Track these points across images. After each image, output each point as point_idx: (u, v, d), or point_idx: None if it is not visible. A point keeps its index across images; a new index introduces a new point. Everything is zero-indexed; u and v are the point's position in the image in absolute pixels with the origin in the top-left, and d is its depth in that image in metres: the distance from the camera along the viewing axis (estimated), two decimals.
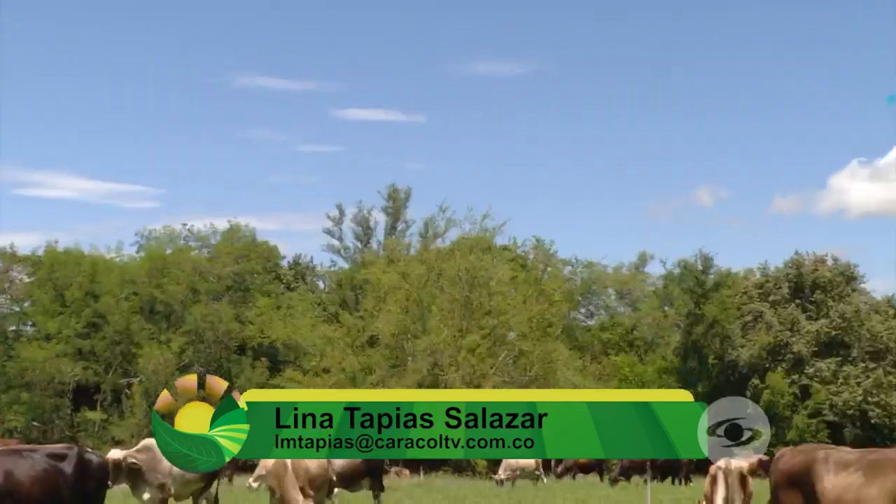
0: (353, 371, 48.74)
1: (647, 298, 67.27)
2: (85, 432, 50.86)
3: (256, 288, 58.41)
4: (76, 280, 54.48)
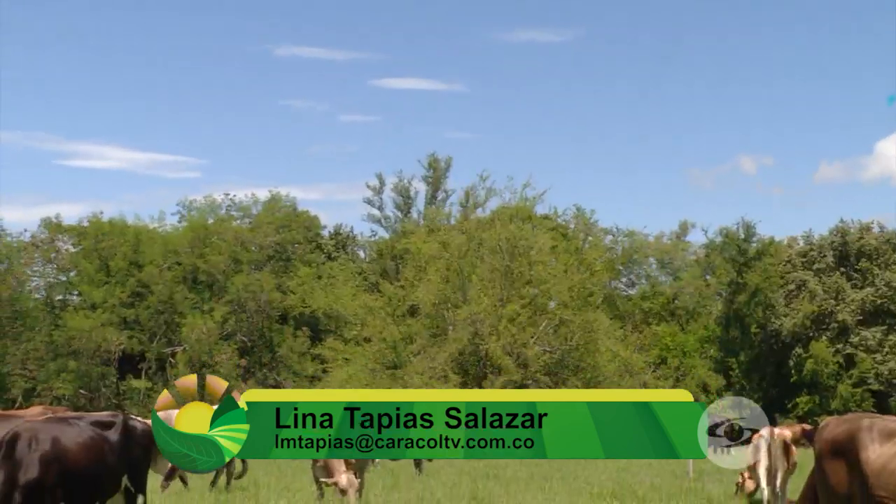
0: (393, 340, 48.95)
1: (689, 267, 66.76)
2: (130, 400, 51.55)
3: (297, 258, 58.70)
4: (120, 250, 55.04)
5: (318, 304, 52.01)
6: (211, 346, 51.60)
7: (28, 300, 54.13)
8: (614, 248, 65.85)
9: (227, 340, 53.07)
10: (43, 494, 10.02)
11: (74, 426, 10.70)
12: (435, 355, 46.59)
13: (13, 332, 51.55)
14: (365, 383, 46.73)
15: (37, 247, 55.59)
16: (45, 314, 53.55)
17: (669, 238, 68.75)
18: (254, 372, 54.15)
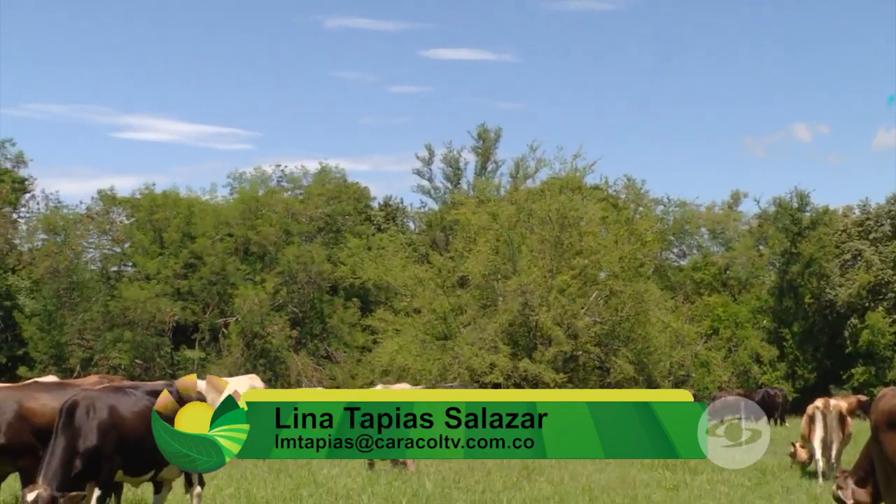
0: (443, 311, 49.05)
1: (741, 238, 66.04)
2: (184, 370, 52.21)
3: (347, 229, 58.94)
4: (173, 222, 55.64)
5: (368, 276, 52.24)
6: (262, 316, 52.07)
7: (84, 271, 54.93)
8: (665, 219, 65.32)
9: (278, 311, 53.51)
10: (101, 461, 10.22)
11: (131, 395, 10.88)
12: (485, 326, 46.62)
13: (70, 302, 52.40)
14: (415, 354, 46.94)
15: (92, 219, 56.34)
16: (101, 285, 54.33)
17: (721, 208, 68.07)
18: (305, 343, 54.61)
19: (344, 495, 12.91)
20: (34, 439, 11.32)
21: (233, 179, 64.26)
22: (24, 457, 11.30)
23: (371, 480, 14.33)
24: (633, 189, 62.45)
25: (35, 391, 12.00)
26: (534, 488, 13.62)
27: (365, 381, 45.49)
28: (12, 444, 11.35)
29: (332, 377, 51.67)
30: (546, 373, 44.39)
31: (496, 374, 44.52)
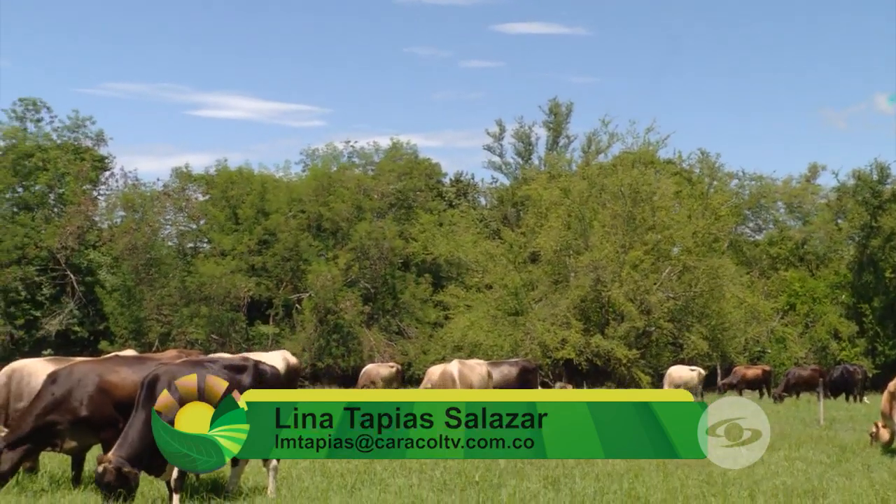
0: (515, 287, 48.99)
1: (819, 211, 64.67)
2: (259, 345, 52.90)
3: (419, 205, 59.08)
4: (247, 199, 56.30)
5: (440, 251, 52.36)
6: (335, 292, 52.50)
7: (161, 248, 55.92)
8: (741, 193, 64.24)
9: (351, 287, 53.91)
10: None
11: (209, 369, 11.05)
12: (557, 302, 46.47)
13: (148, 278, 53.40)
14: (487, 330, 46.98)
15: (169, 196, 57.27)
16: (178, 261, 55.27)
17: (799, 181, 66.67)
18: (377, 319, 54.97)
19: (417, 469, 12.98)
20: (115, 412, 11.58)
21: (305, 156, 64.89)
22: (105, 429, 11.57)
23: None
24: (708, 163, 61.54)
25: (115, 365, 12.26)
26: (607, 463, 13.55)
27: (437, 357, 45.65)
28: (94, 416, 11.62)
29: (403, 353, 51.97)
30: (618, 349, 44.14)
31: (568, 349, 44.39)
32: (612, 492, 11.09)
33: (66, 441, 11.75)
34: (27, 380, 12.37)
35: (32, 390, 12.00)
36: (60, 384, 11.68)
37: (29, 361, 13.19)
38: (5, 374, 12.63)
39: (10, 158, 55.86)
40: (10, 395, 12.43)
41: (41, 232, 54.29)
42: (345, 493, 11.02)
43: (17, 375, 12.55)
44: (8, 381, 12.51)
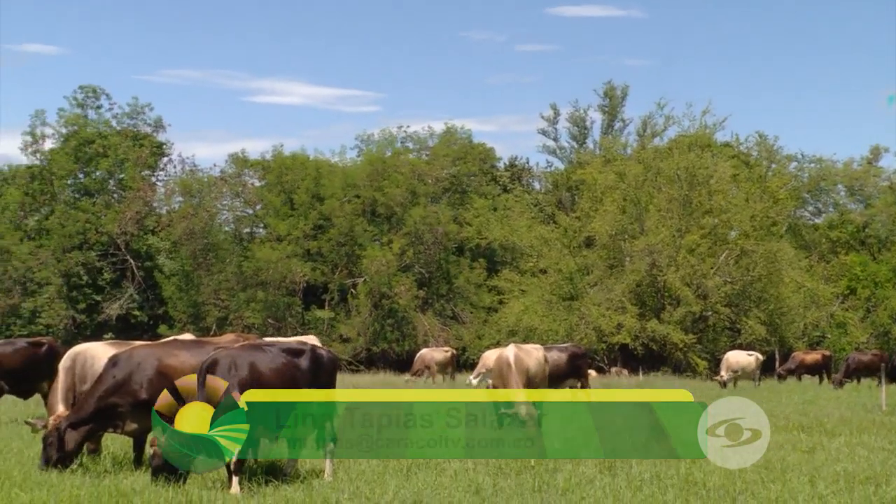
0: (569, 271, 48.82)
1: (881, 194, 63.45)
2: (314, 329, 53.29)
3: (473, 190, 59.02)
4: (303, 184, 56.66)
5: (494, 236, 52.31)
6: (390, 277, 52.71)
7: (219, 233, 56.51)
8: (800, 176, 63.25)
9: (405, 272, 54.07)
10: None
11: (268, 353, 11.15)
12: (612, 286, 46.24)
13: (206, 263, 54.00)
14: (542, 314, 46.91)
15: (225, 181, 57.83)
16: (235, 246, 55.82)
17: (860, 164, 65.46)
18: (431, 303, 55.10)
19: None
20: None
21: (360, 141, 65.11)
22: None
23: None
24: (766, 146, 60.67)
25: (174, 348, 12.41)
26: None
27: (491, 342, 45.68)
28: (153, 399, 11.77)
29: (458, 337, 52.04)
30: (674, 333, 43.82)
31: (623, 334, 44.18)
32: (668, 476, 11.01)
33: (127, 423, 11.94)
34: (90, 363, 12.59)
35: (95, 373, 12.20)
36: (121, 367, 11.87)
37: (91, 345, 13.41)
38: (70, 357, 12.87)
39: (72, 145, 56.79)
40: (75, 377, 12.67)
41: (102, 217, 55.16)
42: (401, 476, 11.07)
43: (80, 359, 12.78)
44: (72, 365, 12.75)
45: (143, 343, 13.13)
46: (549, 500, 9.62)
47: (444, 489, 10.23)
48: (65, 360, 12.95)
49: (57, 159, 56.41)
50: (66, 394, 12.63)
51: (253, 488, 10.30)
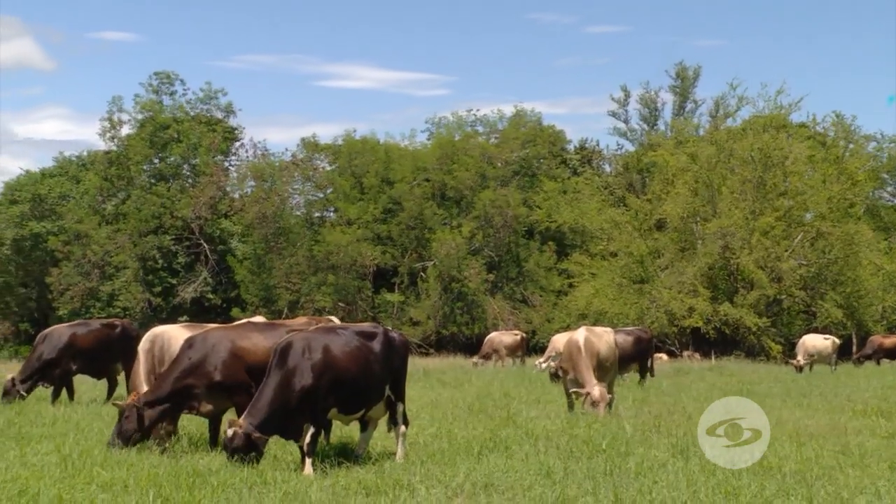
0: (640, 254, 48.42)
1: None
2: (384, 313, 53.64)
3: (543, 173, 58.76)
4: (373, 167, 56.94)
5: (564, 219, 52.05)
6: (459, 260, 52.75)
7: (290, 217, 57.07)
8: (878, 156, 61.70)
9: (474, 255, 54.08)
10: (316, 400, 10.61)
11: (342, 336, 11.22)
12: (683, 270, 45.75)
13: (277, 247, 54.61)
14: (612, 298, 46.60)
15: (297, 166, 58.34)
16: (306, 230, 56.34)
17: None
18: (501, 286, 55.04)
19: (544, 437, 12.97)
20: (247, 377, 11.90)
21: (430, 125, 65.18)
22: (238, 393, 11.91)
23: (570, 423, 14.34)
24: (843, 126, 59.25)
25: (247, 331, 12.59)
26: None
27: (561, 325, 45.51)
28: (227, 381, 11.98)
29: (528, 321, 51.94)
30: (748, 317, 43.23)
31: (695, 318, 43.71)
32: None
33: (203, 404, 12.14)
34: (168, 345, 12.84)
35: (172, 355, 12.44)
36: (196, 349, 12.07)
37: (169, 327, 13.67)
38: (148, 339, 13.14)
39: (147, 131, 57.79)
40: (154, 360, 12.93)
41: (176, 202, 56.07)
42: (472, 459, 11.09)
43: (158, 341, 13.04)
44: (151, 347, 13.02)
45: (218, 326, 13.32)
46: (621, 483, 9.56)
47: (515, 472, 10.23)
48: (144, 343, 13.23)
49: (133, 145, 57.47)
50: (148, 375, 12.89)
51: (325, 470, 10.41)
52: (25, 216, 57.75)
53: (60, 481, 9.55)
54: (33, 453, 11.52)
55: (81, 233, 55.33)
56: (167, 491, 9.04)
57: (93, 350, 19.00)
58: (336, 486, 9.50)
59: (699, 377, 26.93)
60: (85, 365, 19.08)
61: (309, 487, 9.29)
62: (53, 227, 57.16)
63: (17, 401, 17.53)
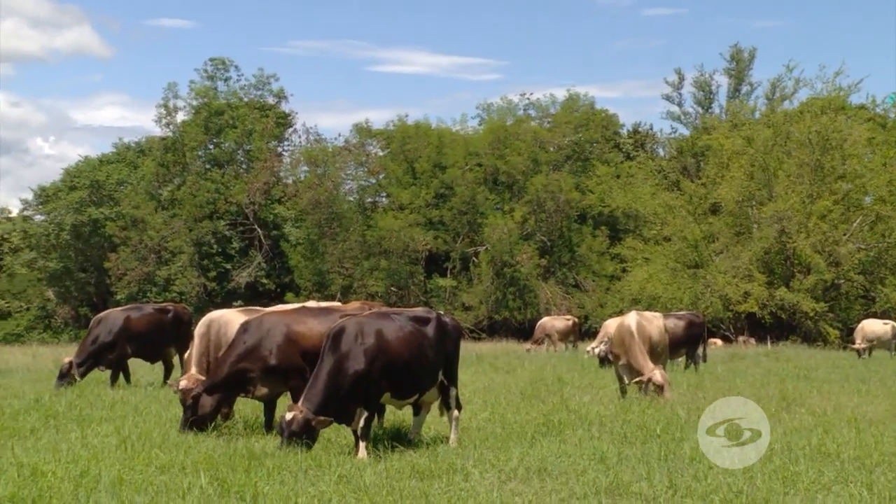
0: (694, 239, 47.99)
1: None
2: (436, 298, 53.76)
3: (596, 157, 58.42)
4: (425, 152, 57.00)
5: (617, 204, 51.73)
6: (511, 245, 52.66)
7: (343, 202, 57.36)
8: None
9: (527, 240, 53.96)
10: (369, 385, 10.65)
11: (396, 321, 11.23)
12: (738, 254, 45.28)
13: (331, 232, 54.93)
14: (665, 282, 46.25)
15: (349, 151, 58.60)
16: (358, 215, 56.59)
17: None
18: (553, 271, 54.87)
19: (597, 422, 12.91)
20: (302, 361, 11.96)
21: (482, 110, 65.03)
22: (293, 377, 11.98)
23: (624, 408, 14.27)
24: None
25: (302, 315, 12.65)
26: (794, 419, 13.11)
27: (614, 310, 45.28)
28: (282, 365, 12.06)
29: (580, 306, 51.73)
30: (805, 302, 42.67)
31: (751, 303, 43.25)
32: (800, 447, 10.73)
33: (258, 388, 12.26)
34: (224, 329, 12.96)
35: (228, 339, 12.56)
36: (251, 334, 12.18)
37: (225, 312, 13.81)
38: (204, 324, 13.27)
39: (202, 117, 58.38)
40: (209, 343, 13.07)
41: (231, 188, 56.62)
42: (525, 443, 11.08)
43: (214, 325, 13.18)
44: (207, 331, 13.15)
45: (273, 310, 13.42)
46: (675, 469, 9.49)
47: (568, 457, 10.19)
48: (200, 327, 13.37)
49: (188, 131, 58.12)
50: (200, 358, 13.04)
51: (379, 454, 10.47)
52: (84, 202, 58.70)
53: (120, 463, 9.71)
54: (94, 435, 11.71)
55: (138, 218, 56.13)
56: (223, 473, 9.16)
57: (146, 334, 19.27)
58: (390, 469, 9.54)
59: (754, 362, 26.64)
60: (139, 348, 19.35)
61: (363, 471, 9.34)
62: (111, 212, 58.03)
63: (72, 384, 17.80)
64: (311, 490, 8.55)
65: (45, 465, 9.49)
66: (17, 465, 9.51)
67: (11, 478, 8.85)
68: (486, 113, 63.79)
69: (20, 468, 9.33)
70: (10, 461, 9.76)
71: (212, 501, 8.16)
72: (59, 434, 11.90)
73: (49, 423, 12.98)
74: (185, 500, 8.17)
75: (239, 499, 8.32)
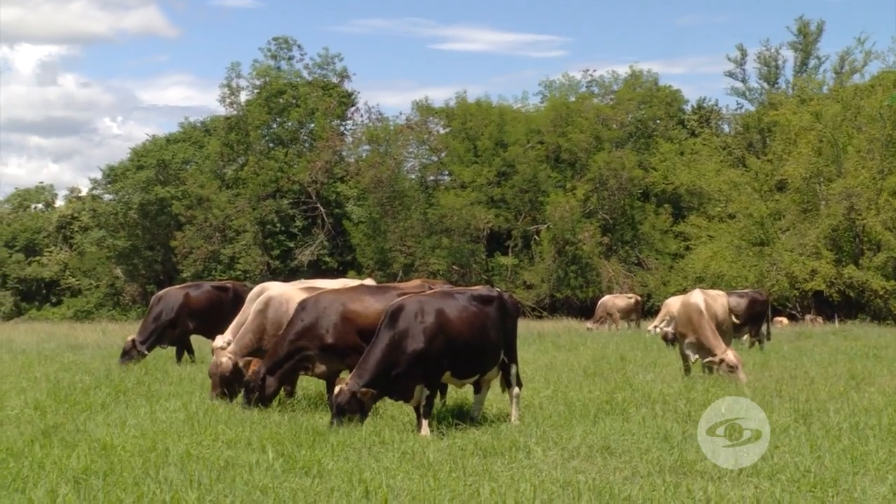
0: (760, 216, 47.29)
1: None
2: (498, 276, 53.71)
3: (659, 134, 57.75)
4: (486, 130, 56.82)
5: (681, 181, 51.11)
6: (573, 223, 52.36)
7: (404, 180, 57.50)
8: None
9: (589, 218, 53.61)
10: (428, 364, 10.67)
11: (458, 300, 11.22)
12: (805, 231, 44.54)
13: (392, 210, 55.11)
14: (730, 260, 45.68)
15: (411, 129, 58.65)
16: (420, 193, 56.68)
17: None
18: (616, 250, 54.48)
19: (660, 400, 12.81)
20: (359, 339, 11.99)
21: (543, 87, 64.62)
22: (350, 355, 12.02)
23: (688, 386, 14.14)
24: None
25: (359, 293, 12.69)
26: (863, 398, 12.88)
27: (678, 289, 44.82)
28: (339, 343, 12.13)
29: (643, 284, 51.29)
30: (874, 280, 41.88)
31: (818, 280, 42.54)
32: (870, 427, 10.54)
33: (316, 365, 12.36)
34: (285, 307, 13.05)
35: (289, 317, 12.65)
36: (309, 312, 12.25)
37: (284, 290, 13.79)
38: (262, 301, 13.37)
39: (264, 96, 58.86)
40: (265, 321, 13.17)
41: (293, 167, 57.05)
42: (588, 421, 11.04)
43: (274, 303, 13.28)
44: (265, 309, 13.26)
45: (331, 288, 13.48)
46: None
47: (632, 435, 10.14)
48: (258, 304, 13.46)
49: (251, 110, 58.63)
50: (245, 335, 13.20)
51: (442, 431, 10.51)
52: (151, 181, 59.65)
53: (188, 437, 9.88)
54: (162, 410, 11.93)
55: (203, 197, 56.87)
56: (289, 449, 9.27)
57: (206, 311, 19.52)
58: (453, 447, 9.58)
59: (822, 341, 26.21)
60: (199, 326, 19.62)
61: (426, 448, 9.39)
62: (177, 191, 58.89)
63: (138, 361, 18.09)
64: (375, 466, 8.62)
65: (115, 439, 9.69)
66: (89, 439, 9.73)
67: (84, 452, 9.06)
68: (548, 90, 63.42)
69: (92, 443, 9.54)
70: (83, 436, 9.99)
71: (278, 476, 8.27)
72: (128, 409, 12.14)
73: (119, 398, 13.26)
74: (253, 474, 8.29)
75: (305, 474, 8.41)
